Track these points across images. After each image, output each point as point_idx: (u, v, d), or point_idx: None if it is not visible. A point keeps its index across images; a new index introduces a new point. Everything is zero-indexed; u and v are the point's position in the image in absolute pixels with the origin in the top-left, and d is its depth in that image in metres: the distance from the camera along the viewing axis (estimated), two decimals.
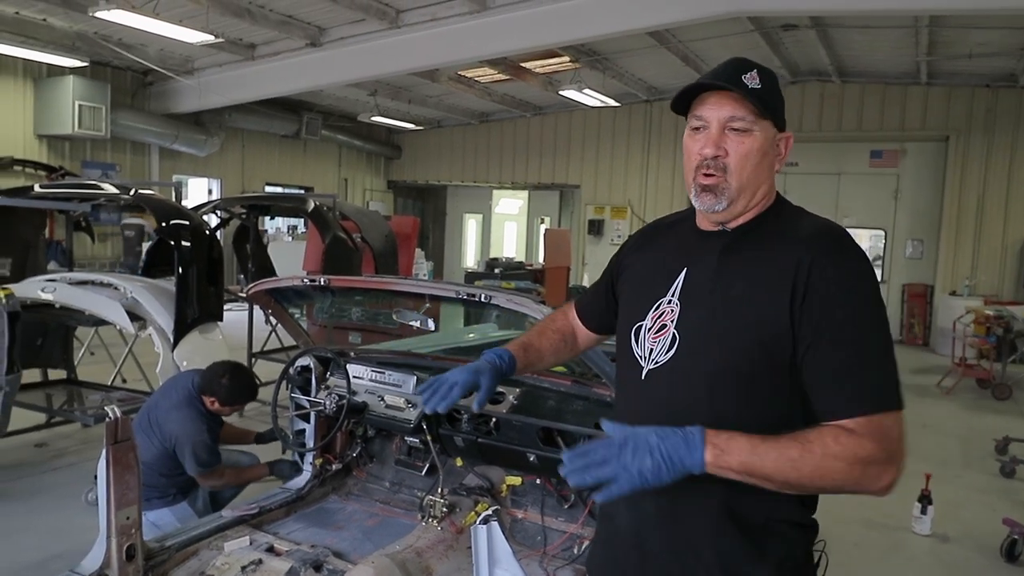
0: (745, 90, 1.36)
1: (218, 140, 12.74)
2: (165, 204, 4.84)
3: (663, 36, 10.16)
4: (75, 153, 11.03)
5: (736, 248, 1.41)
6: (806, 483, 1.22)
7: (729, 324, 1.34)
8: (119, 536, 2.50)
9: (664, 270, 1.49)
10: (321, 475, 3.43)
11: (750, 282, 1.35)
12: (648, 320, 1.46)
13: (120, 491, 2.50)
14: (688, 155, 1.43)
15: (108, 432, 2.50)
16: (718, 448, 1.20)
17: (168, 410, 3.36)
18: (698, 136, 1.41)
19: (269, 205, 7.18)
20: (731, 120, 1.37)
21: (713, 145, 1.38)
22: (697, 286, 1.42)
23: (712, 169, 1.38)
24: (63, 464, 4.75)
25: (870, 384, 1.26)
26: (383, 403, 3.14)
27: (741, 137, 1.37)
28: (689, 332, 1.39)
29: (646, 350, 1.45)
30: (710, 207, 1.40)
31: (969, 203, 12.07)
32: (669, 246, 1.54)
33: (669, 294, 1.45)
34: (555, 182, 15.99)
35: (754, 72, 1.38)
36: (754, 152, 1.38)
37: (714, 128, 1.38)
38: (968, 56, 10.12)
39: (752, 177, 1.39)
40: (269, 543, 2.91)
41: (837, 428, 1.23)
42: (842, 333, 1.27)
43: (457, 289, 2.70)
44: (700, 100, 1.41)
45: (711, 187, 1.39)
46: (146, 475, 3.29)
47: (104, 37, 9.71)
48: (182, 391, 3.41)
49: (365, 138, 16.48)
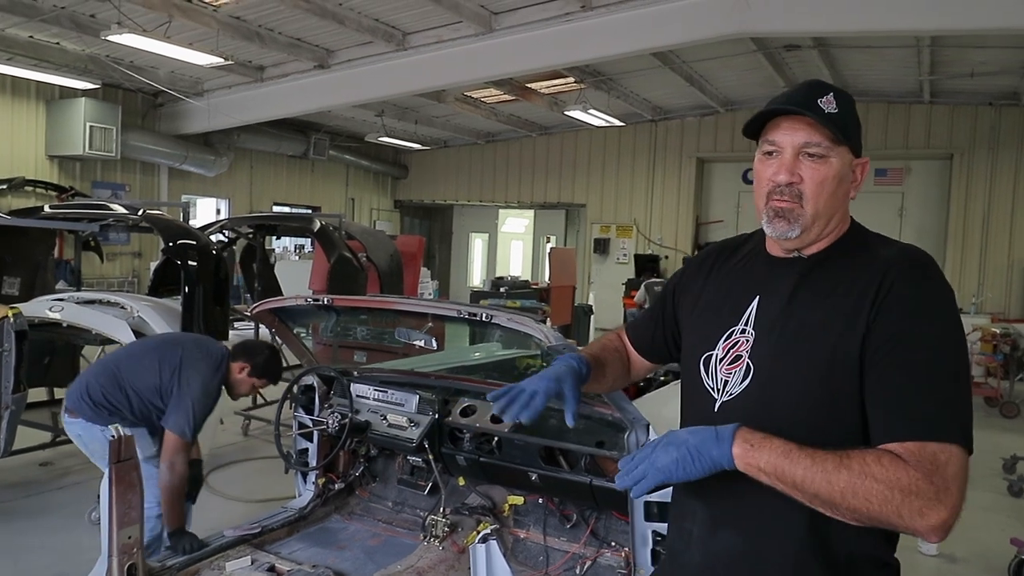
0: (821, 115, 1.30)
1: (227, 160, 12.87)
2: (172, 224, 4.90)
3: (667, 57, 10.24)
4: (86, 173, 11.16)
5: (813, 276, 1.35)
6: (838, 500, 1.15)
7: (806, 352, 1.29)
8: (120, 555, 2.51)
9: (733, 298, 1.44)
10: (324, 494, 3.44)
11: (827, 309, 1.29)
12: (719, 350, 1.41)
13: (122, 510, 2.51)
14: (759, 180, 1.38)
15: (111, 451, 2.52)
16: (748, 443, 1.19)
17: (198, 360, 3.24)
18: (770, 161, 1.35)
19: (276, 225, 7.24)
20: (806, 146, 1.31)
21: (787, 171, 1.32)
22: (771, 315, 1.36)
23: (786, 196, 1.32)
24: (68, 483, 4.77)
25: (928, 410, 1.18)
26: (386, 422, 3.15)
27: (816, 164, 1.32)
28: (765, 361, 1.34)
29: (719, 382, 1.39)
30: (783, 234, 1.34)
31: (974, 221, 12.06)
32: (737, 272, 1.48)
33: (742, 323, 1.39)
34: (561, 201, 16.06)
35: (830, 96, 1.33)
36: (829, 179, 1.32)
37: (788, 154, 1.33)
38: (970, 75, 10.16)
39: (827, 205, 1.33)
40: (271, 563, 2.91)
41: (883, 451, 1.17)
42: (908, 354, 1.21)
43: (459, 308, 2.72)
44: (773, 124, 1.35)
45: (785, 212, 1.33)
46: (119, 395, 3.22)
47: (116, 60, 9.86)
48: (216, 355, 3.31)
49: (372, 158, 16.60)
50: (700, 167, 14.56)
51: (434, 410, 3.00)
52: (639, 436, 2.45)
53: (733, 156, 13.97)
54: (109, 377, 3.26)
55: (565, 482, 2.73)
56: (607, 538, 2.90)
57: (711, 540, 1.37)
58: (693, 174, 14.40)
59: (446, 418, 2.99)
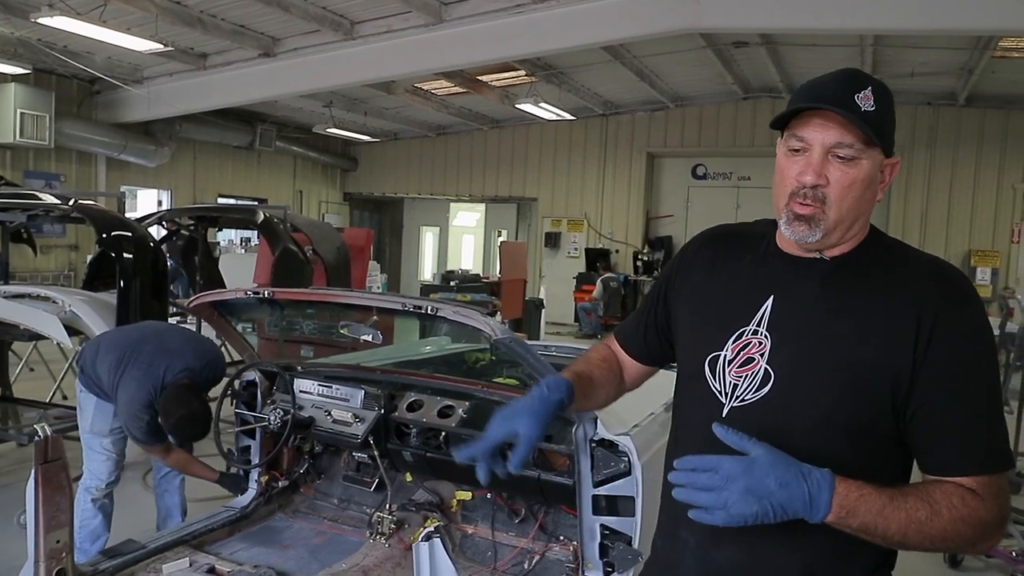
0: (858, 114, 1.19)
1: (168, 151, 12.47)
2: (106, 215, 4.70)
3: (618, 51, 10.29)
4: (17, 162, 10.69)
5: (838, 283, 1.27)
6: (927, 545, 1.15)
7: (838, 364, 1.21)
8: (48, 560, 2.39)
9: (742, 294, 1.34)
10: (267, 492, 3.34)
11: (861, 320, 1.22)
12: (728, 351, 1.31)
13: (50, 513, 2.39)
14: (782, 177, 1.27)
15: (37, 451, 2.40)
16: (844, 510, 1.10)
17: (131, 380, 3.07)
18: (797, 159, 1.25)
19: (218, 217, 7.03)
20: (837, 146, 1.21)
21: (814, 173, 1.22)
22: (791, 318, 1.27)
23: (809, 199, 1.23)
24: None
25: (993, 441, 1.19)
26: (330, 418, 3.07)
27: (846, 166, 1.22)
28: (787, 370, 1.25)
29: (727, 385, 1.30)
30: (802, 238, 1.25)
31: (913, 217, 12.46)
32: (745, 266, 1.38)
33: (753, 323, 1.30)
34: (512, 195, 16.05)
35: (868, 91, 1.21)
36: (859, 183, 1.22)
37: (816, 153, 1.22)
38: (911, 75, 10.48)
39: (852, 209, 1.24)
40: (210, 564, 2.81)
41: (961, 488, 1.16)
42: (967, 387, 1.19)
43: (403, 301, 2.66)
44: (803, 117, 1.24)
45: (806, 217, 1.24)
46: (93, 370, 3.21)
47: (48, 44, 9.44)
48: (153, 382, 3.08)
49: (321, 150, 16.33)
50: (650, 162, 14.71)
51: (380, 405, 2.93)
52: (587, 430, 2.43)
53: (683, 151, 14.16)
54: (95, 350, 3.27)
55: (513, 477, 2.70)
56: (556, 532, 2.88)
57: (713, 551, 1.30)
58: (643, 169, 14.54)
59: (392, 413, 2.94)
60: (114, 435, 3.30)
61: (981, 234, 12.23)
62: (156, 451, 3.23)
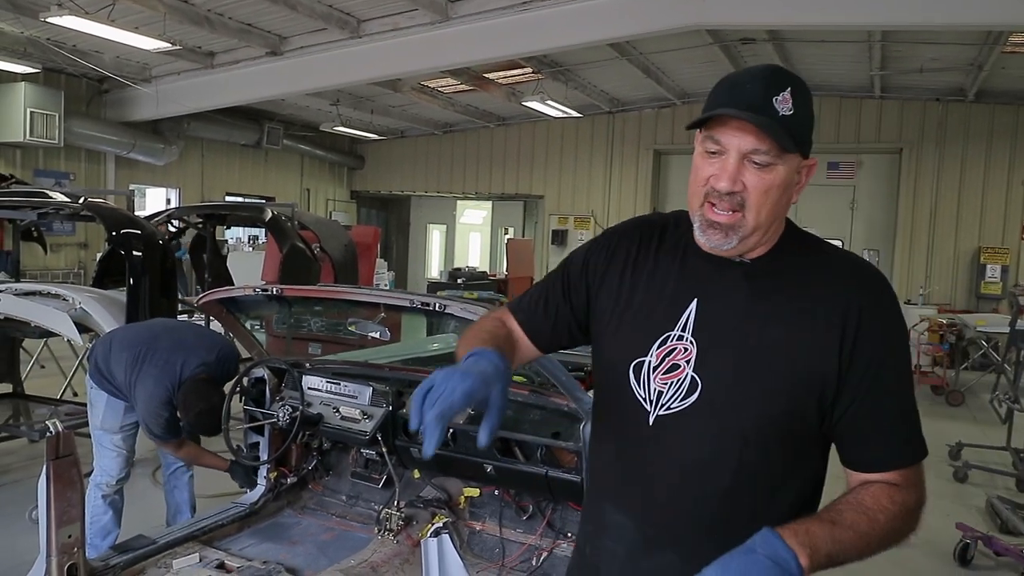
0: (775, 119, 1.16)
1: (177, 149, 12.53)
2: (116, 213, 4.73)
3: (624, 48, 10.27)
4: (27, 161, 10.74)
5: (763, 285, 1.25)
6: (875, 551, 1.17)
7: (769, 372, 1.21)
8: (60, 555, 2.41)
9: (664, 297, 1.30)
10: (276, 488, 3.36)
11: (790, 325, 1.21)
12: (652, 357, 1.27)
13: (61, 508, 2.41)
14: (696, 177, 1.24)
15: (49, 447, 2.41)
16: (806, 549, 1.05)
17: (148, 376, 3.10)
18: (713, 161, 1.21)
19: (226, 214, 7.06)
20: (754, 152, 1.18)
21: (729, 179, 1.18)
22: (717, 324, 1.25)
23: (726, 206, 1.19)
24: (7, 481, 4.60)
25: (914, 434, 1.23)
26: (339, 415, 3.09)
27: (762, 172, 1.19)
28: (715, 377, 1.23)
29: (651, 392, 1.26)
30: (717, 245, 1.22)
31: (922, 214, 12.40)
32: (665, 266, 1.33)
33: (678, 328, 1.26)
34: (519, 192, 16.04)
35: (787, 92, 1.18)
36: (775, 188, 1.19)
37: (732, 159, 1.19)
38: (919, 71, 10.42)
39: (770, 214, 1.21)
40: (220, 559, 2.83)
41: (885, 486, 1.19)
42: (891, 384, 1.22)
43: (411, 298, 2.67)
44: (722, 119, 1.19)
45: (722, 225, 1.20)
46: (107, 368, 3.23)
47: (57, 43, 9.49)
48: (171, 380, 3.12)
49: (328, 148, 16.36)
50: (657, 159, 14.68)
51: (388, 402, 2.94)
52: None
53: (690, 148, 13.85)
54: (107, 347, 3.29)
55: (521, 474, 2.71)
56: (563, 529, 2.88)
57: (643, 561, 1.28)
58: (650, 166, 14.52)
59: (400, 410, 2.94)
60: (124, 432, 3.33)
61: (991, 231, 12.15)
62: (170, 446, 3.26)
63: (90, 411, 3.39)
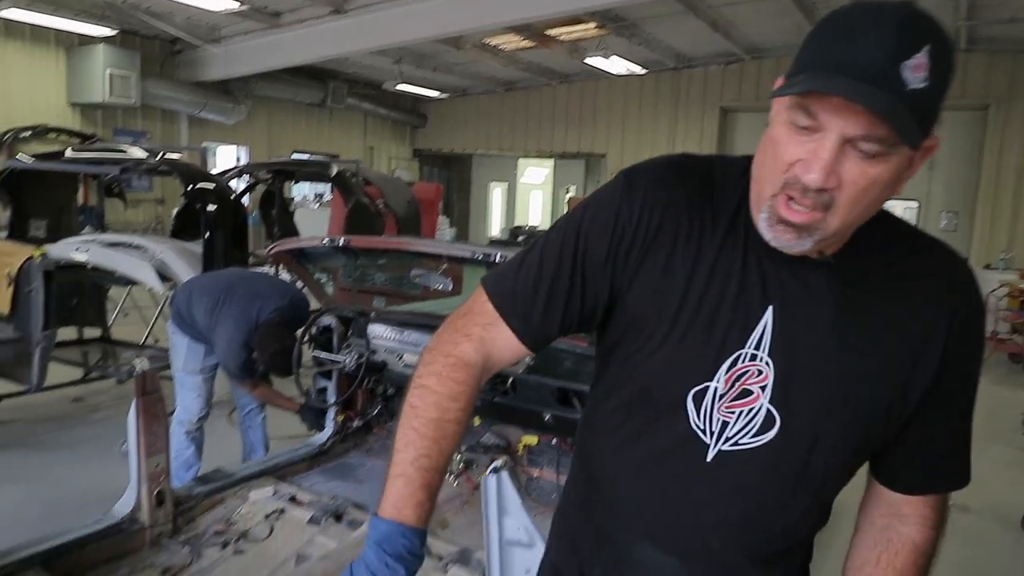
0: (900, 98, 0.81)
1: (245, 108, 12.86)
2: (191, 168, 4.93)
3: (692, 1, 9.98)
4: (107, 121, 11.20)
5: (849, 291, 0.98)
6: None
7: (860, 402, 0.98)
8: (149, 482, 2.61)
9: (727, 301, 0.98)
10: (342, 431, 3.53)
11: (885, 346, 0.97)
12: (719, 383, 0.99)
13: (149, 440, 2.60)
14: (776, 156, 0.90)
15: (137, 385, 2.60)
16: None
17: (228, 318, 3.29)
18: (802, 139, 0.87)
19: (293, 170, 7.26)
20: (863, 139, 0.84)
21: (823, 171, 0.85)
22: (799, 343, 0.97)
23: (808, 203, 0.88)
24: (99, 418, 4.93)
25: (967, 458, 1.08)
26: (402, 362, 3.21)
27: (867, 164, 0.85)
28: (798, 413, 0.98)
29: (713, 422, 1.00)
30: (786, 246, 0.92)
31: (1007, 174, 11.77)
32: (727, 257, 0.99)
33: (749, 346, 0.98)
34: (581, 151, 15.89)
35: (923, 55, 0.82)
36: (879, 184, 0.87)
37: (831, 143, 0.85)
38: (1010, 20, 9.81)
39: (862, 215, 0.91)
40: (292, 494, 3.00)
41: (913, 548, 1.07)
42: (964, 404, 1.04)
43: (473, 250, 2.74)
44: None
45: (797, 225, 0.90)
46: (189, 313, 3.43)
47: (133, 6, 9.79)
48: (249, 319, 3.30)
49: (391, 106, 16.48)
50: (724, 117, 14.31)
51: None
52: None
53: (758, 106, 13.68)
54: (188, 294, 3.49)
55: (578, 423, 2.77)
56: None
57: None
58: (716, 124, 14.16)
59: None
60: (204, 373, 3.53)
61: None
62: (246, 385, 3.46)
63: (172, 354, 3.60)
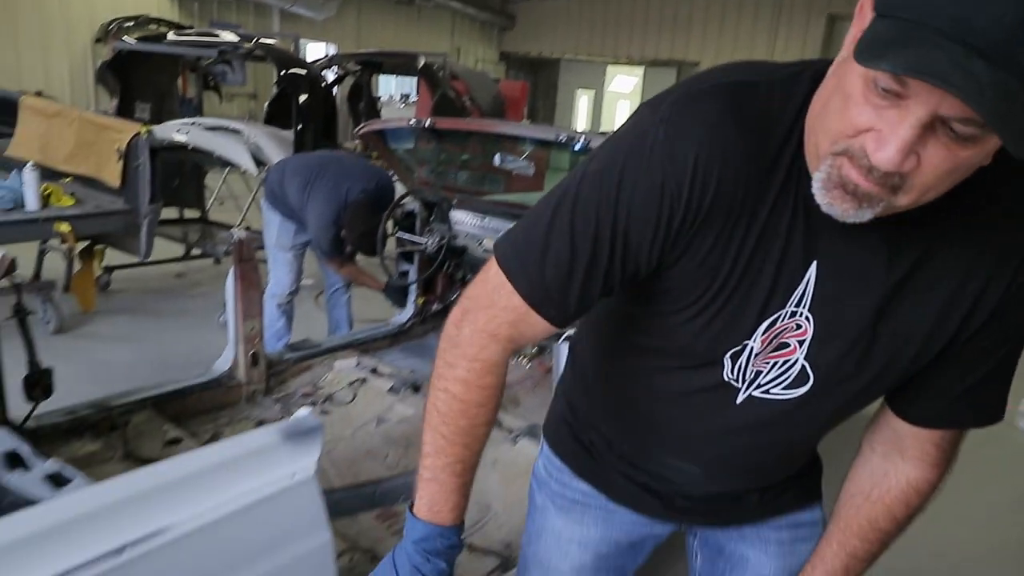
0: (1018, 79, 0.63)
1: (335, 4, 12.86)
2: (285, 54, 5.03)
3: None
4: (204, 13, 11.45)
5: (905, 245, 0.86)
6: None
7: (899, 357, 0.93)
8: (245, 343, 2.81)
9: (771, 260, 0.89)
10: (422, 313, 3.68)
11: (943, 297, 0.88)
12: (756, 343, 0.94)
13: (246, 304, 2.78)
14: (844, 117, 0.74)
15: (235, 252, 2.76)
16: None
17: (320, 199, 3.42)
18: (881, 106, 0.71)
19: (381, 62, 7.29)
20: (958, 120, 0.68)
21: (900, 152, 0.70)
22: (842, 300, 0.90)
23: (876, 181, 0.74)
24: (199, 292, 5.28)
25: (1004, 394, 0.99)
26: (482, 248, 3.29)
27: (956, 146, 0.71)
28: (833, 372, 0.95)
29: (749, 372, 0.97)
30: (842, 214, 0.78)
31: None
32: (776, 220, 0.87)
33: (791, 303, 0.91)
34: (673, 58, 15.28)
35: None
36: (963, 168, 0.74)
37: (915, 120, 0.69)
38: None
39: (936, 193, 0.77)
40: (374, 366, 3.19)
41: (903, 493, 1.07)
42: (1019, 337, 0.94)
43: (557, 132, 2.74)
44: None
45: (858, 194, 0.76)
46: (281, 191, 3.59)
47: None
48: (339, 198, 3.41)
49: (479, 6, 16.14)
50: (831, 25, 13.40)
51: None
52: None
53: None
54: (281, 173, 3.63)
55: None
56: None
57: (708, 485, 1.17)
58: (822, 34, 13.30)
59: None
60: (295, 250, 3.71)
61: None
62: (334, 263, 3.61)
63: (265, 231, 3.79)
